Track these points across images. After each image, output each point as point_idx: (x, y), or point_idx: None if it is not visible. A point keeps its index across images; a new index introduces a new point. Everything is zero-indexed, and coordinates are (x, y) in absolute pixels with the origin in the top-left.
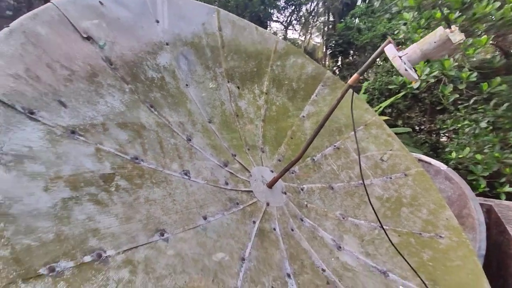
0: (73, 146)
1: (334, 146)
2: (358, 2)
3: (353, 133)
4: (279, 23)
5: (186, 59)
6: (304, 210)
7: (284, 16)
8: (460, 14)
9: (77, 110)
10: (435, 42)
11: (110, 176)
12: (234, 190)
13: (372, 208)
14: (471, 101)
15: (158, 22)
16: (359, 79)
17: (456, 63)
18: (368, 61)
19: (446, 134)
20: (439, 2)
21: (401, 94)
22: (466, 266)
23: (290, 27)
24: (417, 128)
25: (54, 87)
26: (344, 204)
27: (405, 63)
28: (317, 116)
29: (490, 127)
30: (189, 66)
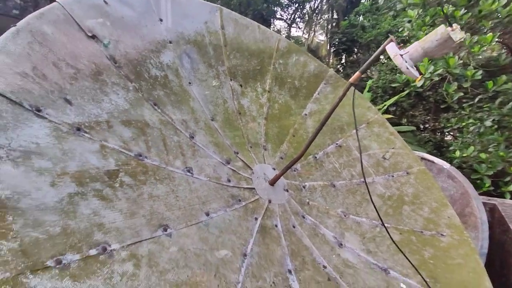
0: (78, 143)
1: (336, 144)
2: (362, 0)
3: (355, 131)
4: (283, 21)
5: (189, 58)
6: (305, 208)
7: (287, 14)
8: (465, 11)
9: (82, 108)
10: (437, 40)
11: (115, 172)
12: (237, 187)
13: (373, 205)
14: (476, 99)
15: (161, 20)
16: (362, 77)
17: (461, 61)
18: (369, 59)
19: (451, 133)
20: (444, 0)
21: (405, 92)
22: (467, 265)
23: (294, 25)
24: (421, 126)
25: (60, 85)
26: (345, 201)
27: (406, 62)
28: (319, 114)
29: (495, 126)
30: (192, 64)
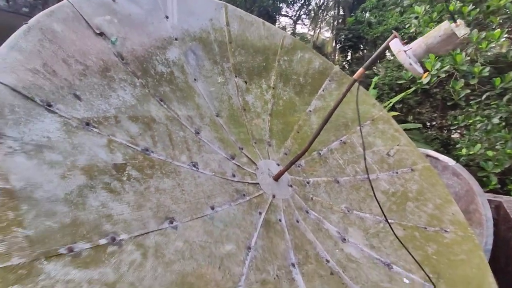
0: (87, 137)
1: (341, 140)
2: None
3: (361, 128)
4: (288, 18)
5: (195, 54)
6: (309, 203)
7: (293, 10)
8: (473, 7)
9: (91, 103)
10: (440, 36)
11: (122, 166)
12: (241, 182)
13: (377, 201)
14: (484, 96)
15: (167, 18)
16: (368, 75)
17: (468, 58)
18: (373, 55)
19: (458, 130)
20: None
21: (411, 89)
22: (471, 260)
23: (299, 22)
24: (428, 124)
25: (69, 81)
26: (349, 197)
27: (410, 58)
28: (323, 111)
29: (503, 123)
30: (197, 61)
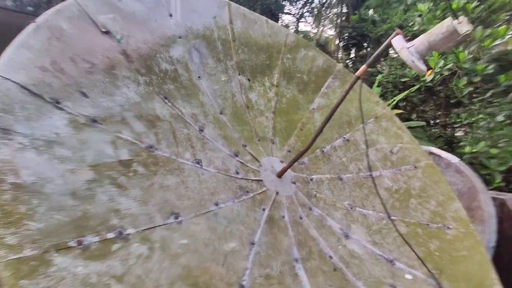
0: (94, 134)
1: (344, 138)
2: None
3: (364, 125)
4: (291, 16)
5: (198, 52)
6: (313, 200)
7: (296, 8)
8: (478, 3)
9: (97, 101)
10: (442, 33)
11: (128, 162)
12: (245, 179)
13: (380, 198)
14: (488, 94)
15: (171, 15)
16: (372, 72)
17: (471, 56)
18: (376, 52)
19: (462, 128)
20: None
21: (415, 87)
22: (472, 257)
23: (302, 20)
24: (431, 122)
25: (76, 79)
26: (352, 194)
27: (412, 55)
28: (327, 108)
29: (507, 121)
30: (201, 58)
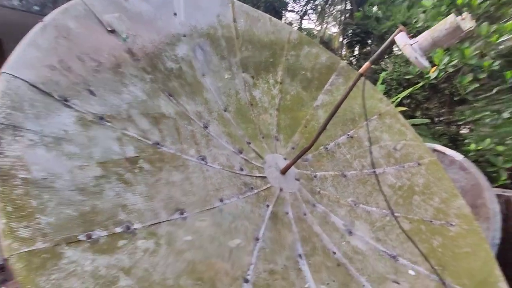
0: (102, 131)
1: (348, 135)
2: None
3: (367, 122)
4: (295, 13)
5: (202, 50)
6: (316, 196)
7: (299, 5)
8: None
9: (104, 98)
10: (446, 29)
11: (135, 159)
12: (249, 176)
13: (383, 195)
14: (494, 90)
15: (175, 14)
16: (376, 70)
17: (477, 52)
18: (379, 49)
19: (467, 125)
20: None
21: (419, 84)
22: (476, 253)
23: (306, 17)
24: (436, 119)
25: (84, 77)
26: (356, 191)
27: (416, 51)
28: (331, 105)
29: None
30: (205, 56)
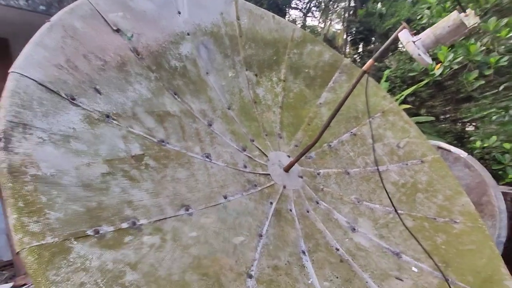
0: (108, 129)
1: (351, 132)
2: None
3: (370, 119)
4: (298, 10)
5: (206, 48)
6: (320, 194)
7: (303, 2)
8: None
9: (110, 97)
10: (449, 26)
11: (140, 156)
12: (253, 173)
13: (386, 192)
14: (501, 87)
15: (179, 13)
16: (380, 67)
17: (483, 48)
18: (382, 47)
19: (472, 123)
20: None
21: (424, 82)
22: (480, 251)
23: (310, 14)
24: (441, 117)
25: (90, 76)
26: (359, 188)
27: (419, 48)
28: (334, 103)
29: None
30: (209, 54)
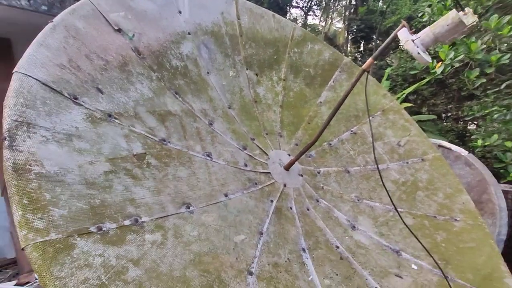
0: (110, 128)
1: (351, 131)
2: None
3: (370, 118)
4: (299, 9)
5: (207, 48)
6: (320, 192)
7: (304, 1)
8: None
9: (112, 96)
10: (448, 25)
11: (142, 155)
12: (253, 171)
13: (386, 191)
14: (503, 85)
15: (180, 12)
16: (381, 66)
17: (484, 46)
18: (382, 45)
19: (475, 121)
20: None
21: (425, 80)
22: (480, 248)
23: (310, 13)
24: (443, 115)
25: (92, 76)
26: (359, 187)
27: (418, 47)
28: (334, 102)
29: None
30: (209, 54)
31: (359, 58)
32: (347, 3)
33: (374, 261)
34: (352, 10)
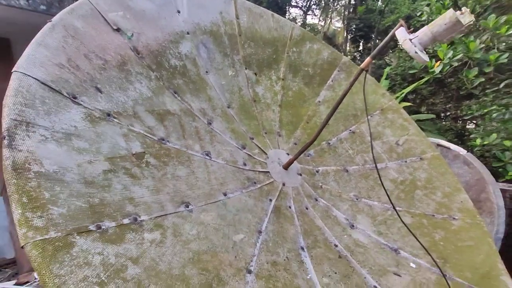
0: (109, 127)
1: (350, 130)
2: None
3: (368, 117)
4: (298, 9)
5: (206, 47)
6: (318, 191)
7: (303, 0)
8: None
9: (111, 95)
10: (445, 24)
11: (141, 154)
12: (252, 171)
13: (384, 190)
14: (502, 84)
15: (179, 12)
16: (380, 65)
17: (482, 45)
18: (380, 45)
19: (474, 121)
20: None
21: (424, 79)
22: (478, 247)
23: (310, 12)
24: (442, 114)
25: (91, 75)
26: (358, 186)
27: (415, 46)
28: (333, 101)
29: None
30: (208, 53)
31: (358, 58)
32: (346, 3)
33: (373, 259)
34: (351, 10)
